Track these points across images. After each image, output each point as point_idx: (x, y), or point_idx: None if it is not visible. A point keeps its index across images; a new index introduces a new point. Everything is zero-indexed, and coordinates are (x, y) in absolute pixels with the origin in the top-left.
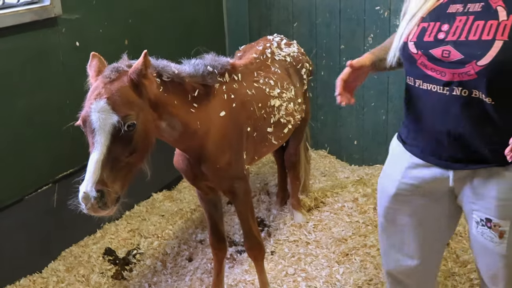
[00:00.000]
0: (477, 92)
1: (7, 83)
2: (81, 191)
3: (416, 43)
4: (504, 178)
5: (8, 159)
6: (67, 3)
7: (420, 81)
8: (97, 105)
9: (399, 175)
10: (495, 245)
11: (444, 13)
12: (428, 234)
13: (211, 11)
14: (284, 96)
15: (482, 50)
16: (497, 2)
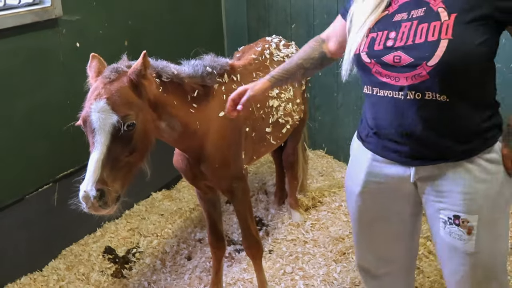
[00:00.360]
0: (430, 93)
1: (8, 83)
2: (81, 190)
3: (368, 53)
4: (467, 171)
5: (8, 158)
6: (67, 5)
7: (377, 89)
8: (97, 105)
9: (363, 173)
10: (464, 242)
11: (390, 22)
12: (394, 230)
13: (210, 12)
14: (283, 96)
15: (429, 51)
16: (438, 5)
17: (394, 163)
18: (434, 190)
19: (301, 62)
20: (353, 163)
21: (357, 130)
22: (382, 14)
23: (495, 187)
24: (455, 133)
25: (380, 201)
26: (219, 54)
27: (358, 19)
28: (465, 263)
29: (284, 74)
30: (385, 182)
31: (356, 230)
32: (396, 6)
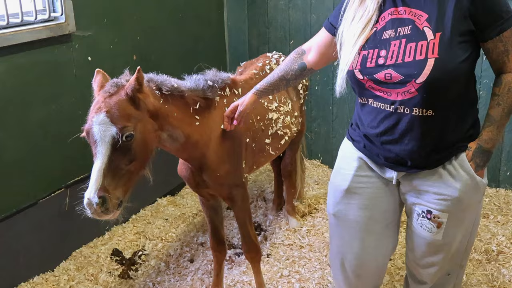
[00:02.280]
0: (417, 109)
1: (24, 94)
2: (85, 197)
3: (361, 70)
4: (441, 177)
5: (24, 165)
6: (80, 21)
7: (371, 100)
8: (97, 118)
9: (352, 170)
10: (433, 234)
11: (380, 40)
12: (380, 230)
13: (214, 29)
14: (282, 109)
15: (418, 69)
16: (423, 24)
17: (380, 166)
18: (413, 189)
19: (283, 74)
20: (342, 161)
21: (348, 132)
22: (371, 32)
23: (465, 190)
24: (439, 145)
25: (367, 197)
26: (221, 69)
27: (348, 38)
28: (431, 250)
29: (268, 87)
30: (371, 180)
31: (338, 232)
32: (383, 23)
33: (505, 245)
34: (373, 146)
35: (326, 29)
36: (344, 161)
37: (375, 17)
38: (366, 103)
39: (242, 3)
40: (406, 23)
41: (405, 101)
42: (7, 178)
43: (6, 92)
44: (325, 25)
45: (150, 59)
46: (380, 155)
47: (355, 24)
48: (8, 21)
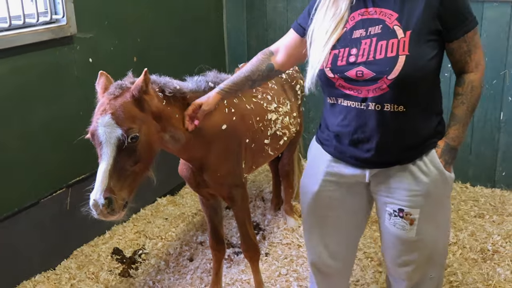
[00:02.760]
0: (389, 105)
1: (27, 95)
2: (91, 198)
3: (332, 68)
4: (411, 173)
5: (26, 165)
6: (82, 23)
7: (341, 99)
8: (102, 120)
9: (321, 173)
10: (406, 232)
11: (350, 39)
12: (347, 227)
13: (213, 31)
14: (280, 110)
15: (389, 66)
16: (393, 23)
17: (351, 165)
18: (384, 187)
19: (249, 74)
20: (312, 164)
21: (316, 135)
22: (342, 31)
23: (435, 185)
24: (409, 140)
25: (335, 199)
26: (220, 71)
27: (319, 37)
28: (407, 249)
29: (232, 87)
30: (341, 181)
31: (310, 227)
32: (352, 23)
33: (500, 245)
34: (344, 147)
35: (294, 30)
36: (314, 164)
37: (346, 16)
38: (336, 103)
39: (241, 6)
40: (376, 22)
41: (377, 98)
42: (10, 178)
43: (9, 93)
44: (294, 26)
45: (150, 61)
46: (351, 155)
47: (326, 23)
48: (10, 23)
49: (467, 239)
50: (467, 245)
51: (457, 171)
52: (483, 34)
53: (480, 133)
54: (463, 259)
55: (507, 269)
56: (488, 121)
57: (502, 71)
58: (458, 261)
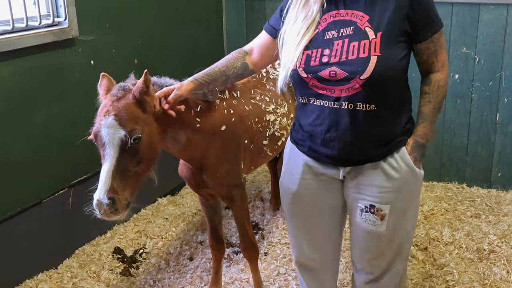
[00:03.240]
0: (361, 104)
1: (29, 96)
2: (94, 198)
3: (305, 68)
4: (382, 170)
5: (28, 165)
6: (83, 26)
7: (313, 99)
8: (106, 121)
9: (298, 173)
10: (377, 227)
11: (323, 40)
12: (329, 221)
13: (213, 33)
14: (278, 111)
15: (362, 66)
16: (364, 24)
17: (325, 164)
18: (356, 184)
19: (224, 69)
20: (288, 164)
21: (290, 135)
22: (314, 33)
23: (406, 181)
24: (380, 138)
25: (314, 196)
26: None
27: (291, 38)
28: (377, 243)
29: (206, 79)
30: (318, 180)
31: (293, 225)
32: (324, 24)
33: (496, 244)
34: (317, 146)
35: (266, 31)
36: (290, 164)
37: (318, 18)
38: (308, 103)
39: (241, 8)
40: (348, 24)
41: (350, 97)
42: (12, 178)
43: (12, 95)
44: (265, 28)
45: (151, 63)
46: (324, 154)
47: (298, 24)
48: (13, 26)
49: (464, 238)
50: (463, 244)
51: (454, 172)
52: (480, 36)
53: (476, 134)
54: (460, 259)
55: (503, 269)
56: (484, 122)
57: (498, 73)
58: (454, 260)
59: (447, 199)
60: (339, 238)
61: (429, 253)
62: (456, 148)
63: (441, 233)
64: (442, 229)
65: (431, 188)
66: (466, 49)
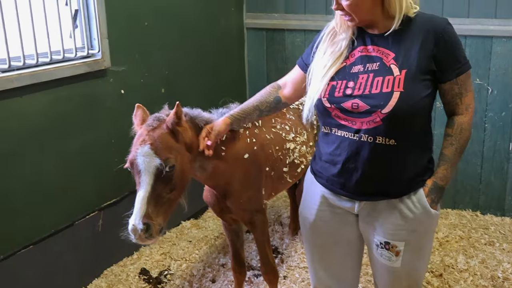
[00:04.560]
0: (381, 138)
1: (64, 124)
2: (130, 224)
3: (329, 99)
4: (398, 209)
5: (61, 189)
6: (115, 57)
7: (335, 129)
8: (142, 150)
9: (316, 204)
10: (392, 262)
11: (349, 73)
12: (345, 252)
13: (235, 64)
14: (298, 140)
15: (384, 100)
16: (390, 61)
17: (342, 197)
18: (370, 219)
19: (257, 104)
20: (307, 194)
21: (310, 165)
22: (341, 66)
23: (420, 221)
24: (398, 174)
25: (331, 228)
26: (241, 102)
27: (319, 69)
28: (392, 276)
29: (242, 114)
30: (334, 212)
31: (311, 253)
32: (352, 59)
33: (510, 272)
34: (334, 177)
35: (299, 66)
36: (309, 194)
37: (345, 53)
38: (330, 132)
39: (262, 39)
40: (374, 60)
41: (370, 130)
42: (47, 201)
43: (48, 122)
44: (298, 63)
45: (177, 92)
46: (340, 185)
47: (326, 57)
48: (51, 57)
49: (478, 266)
50: (477, 272)
51: (468, 200)
52: (492, 68)
53: (490, 163)
54: (474, 286)
55: None
56: (497, 151)
57: (510, 103)
58: (469, 287)
59: (461, 227)
60: (356, 267)
61: (444, 280)
62: (470, 176)
63: (455, 260)
64: (456, 256)
65: (445, 215)
66: (480, 80)
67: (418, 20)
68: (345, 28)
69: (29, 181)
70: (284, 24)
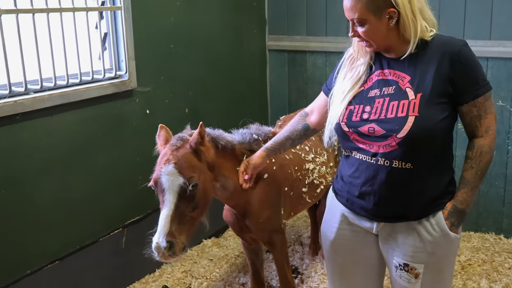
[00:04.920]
0: (397, 162)
1: (91, 142)
2: (153, 241)
3: (347, 123)
4: (417, 231)
5: (87, 206)
6: (141, 79)
7: (355, 152)
8: (166, 169)
9: (336, 222)
10: (412, 285)
11: (366, 97)
12: (364, 271)
13: (257, 85)
14: (318, 160)
15: (399, 125)
16: (405, 84)
17: (361, 216)
18: (390, 240)
19: (288, 134)
20: (329, 212)
21: (332, 184)
22: (359, 90)
23: (439, 245)
24: (416, 197)
25: (351, 246)
26: (263, 122)
27: (338, 94)
28: None
29: (275, 146)
30: (354, 231)
31: (331, 271)
32: (370, 83)
33: None
34: (354, 198)
35: (323, 92)
36: (330, 213)
37: (364, 78)
38: (350, 155)
39: (283, 61)
40: (390, 83)
41: (386, 154)
42: (73, 217)
43: (77, 140)
44: (323, 89)
45: (201, 112)
46: (360, 206)
47: (345, 82)
48: (80, 79)
49: None
50: None
51: (491, 223)
52: None
53: None
54: None
55: None
56: None
57: None
58: None
59: (484, 250)
60: (377, 286)
61: None
62: (492, 199)
63: (478, 284)
64: (479, 280)
65: (468, 238)
66: (502, 102)
67: (434, 43)
68: (363, 53)
69: (57, 198)
70: (306, 46)
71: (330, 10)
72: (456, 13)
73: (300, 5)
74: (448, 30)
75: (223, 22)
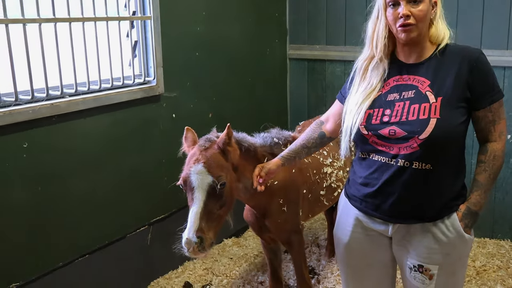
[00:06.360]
0: (417, 163)
1: (121, 145)
2: (184, 237)
3: (366, 126)
4: (432, 232)
5: (115, 204)
6: (168, 84)
7: (373, 154)
8: (195, 168)
9: (350, 226)
10: (426, 286)
11: (385, 101)
12: (377, 273)
13: (277, 92)
14: (335, 164)
15: (421, 127)
16: (425, 89)
17: (375, 219)
18: (404, 242)
19: (304, 143)
20: (341, 217)
21: (344, 189)
22: (377, 94)
23: (454, 246)
24: (433, 198)
25: (364, 249)
26: (283, 128)
27: (351, 107)
28: None
29: (292, 154)
30: (367, 234)
31: (345, 274)
32: (387, 88)
33: None
34: (370, 198)
35: (338, 100)
36: (343, 217)
37: (379, 87)
38: (367, 157)
39: (303, 69)
40: (410, 88)
41: (407, 155)
42: (102, 214)
43: (108, 142)
44: (338, 97)
45: (223, 117)
46: (375, 207)
47: (358, 95)
48: (112, 84)
49: None
50: None
51: (507, 229)
52: None
53: None
54: None
55: None
56: None
57: None
58: None
59: (499, 256)
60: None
61: None
62: (508, 206)
63: None
64: (494, 286)
65: (483, 244)
66: None
67: (452, 49)
68: (385, 55)
69: (88, 196)
70: (325, 55)
71: (348, 20)
72: (473, 23)
73: (320, 16)
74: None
75: (246, 32)
